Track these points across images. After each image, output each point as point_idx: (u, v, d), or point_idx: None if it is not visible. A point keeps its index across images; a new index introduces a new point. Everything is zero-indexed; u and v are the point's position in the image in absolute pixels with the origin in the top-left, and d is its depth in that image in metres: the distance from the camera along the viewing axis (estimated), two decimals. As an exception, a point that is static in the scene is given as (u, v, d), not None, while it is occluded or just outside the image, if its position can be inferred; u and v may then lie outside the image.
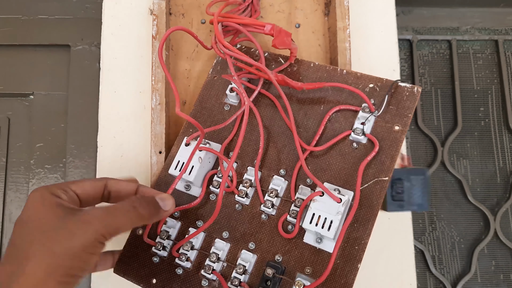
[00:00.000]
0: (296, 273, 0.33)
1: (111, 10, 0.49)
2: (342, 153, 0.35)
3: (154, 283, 0.36)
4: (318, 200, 0.32)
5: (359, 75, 0.37)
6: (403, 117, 0.34)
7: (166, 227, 0.37)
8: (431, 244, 0.73)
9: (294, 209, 0.34)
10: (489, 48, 0.79)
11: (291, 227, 0.34)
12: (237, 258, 0.35)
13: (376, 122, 0.35)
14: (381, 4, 0.49)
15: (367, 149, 0.34)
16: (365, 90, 0.36)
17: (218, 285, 0.34)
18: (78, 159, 0.61)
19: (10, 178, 0.62)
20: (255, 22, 0.37)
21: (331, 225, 0.31)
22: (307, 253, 0.33)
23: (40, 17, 0.64)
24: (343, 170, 0.34)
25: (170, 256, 0.36)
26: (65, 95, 0.63)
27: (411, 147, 0.75)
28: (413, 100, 0.34)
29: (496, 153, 0.76)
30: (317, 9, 0.48)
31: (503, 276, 0.72)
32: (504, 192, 0.74)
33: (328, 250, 0.33)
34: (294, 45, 0.39)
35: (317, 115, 0.37)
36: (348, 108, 0.36)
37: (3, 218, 0.61)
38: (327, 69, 0.38)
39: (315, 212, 0.32)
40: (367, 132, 0.34)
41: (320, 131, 0.36)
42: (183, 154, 0.37)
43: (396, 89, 0.35)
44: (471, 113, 0.77)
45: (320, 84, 0.36)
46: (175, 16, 0.48)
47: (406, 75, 0.78)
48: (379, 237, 0.43)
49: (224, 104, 0.40)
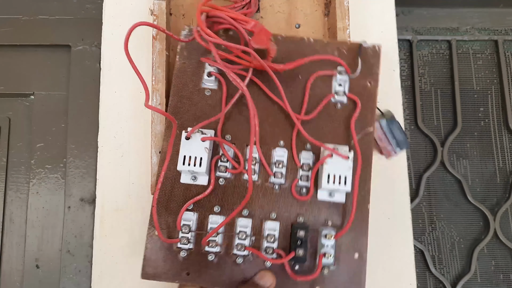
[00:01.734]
0: (319, 228, 0.38)
1: (112, 10, 0.49)
2: (329, 115, 0.39)
3: (188, 275, 0.37)
4: (329, 162, 0.36)
5: (325, 42, 0.41)
6: (373, 74, 0.40)
7: (184, 222, 0.38)
8: (431, 244, 0.73)
9: (303, 174, 0.38)
10: (489, 48, 0.79)
11: (305, 190, 0.38)
12: (263, 229, 0.38)
13: (351, 82, 0.40)
14: (381, 5, 0.49)
15: (349, 107, 0.39)
16: (335, 54, 0.40)
17: (254, 258, 0.37)
18: (79, 159, 0.61)
19: (10, 178, 0.62)
20: (239, 17, 0.38)
21: (346, 180, 0.36)
22: (324, 209, 0.38)
23: (40, 17, 0.64)
24: (334, 130, 0.39)
25: (197, 246, 0.38)
26: (65, 95, 0.63)
27: (411, 147, 0.75)
28: (377, 57, 0.40)
29: (496, 153, 0.76)
30: (317, 10, 0.48)
31: (503, 276, 0.72)
32: (504, 192, 0.75)
33: (341, 201, 0.38)
34: (273, 46, 0.39)
35: (298, 85, 0.40)
36: (325, 74, 0.40)
37: (3, 218, 0.61)
38: (295, 40, 0.41)
39: (329, 173, 0.36)
40: (347, 93, 0.39)
41: (306, 100, 0.39)
42: (187, 148, 0.38)
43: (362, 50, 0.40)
44: (470, 113, 0.77)
45: (300, 61, 0.39)
46: (175, 17, 0.48)
47: (406, 75, 0.78)
48: (379, 237, 0.43)
49: (204, 89, 0.40)
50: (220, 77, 0.40)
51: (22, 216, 0.61)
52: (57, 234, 0.61)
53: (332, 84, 0.40)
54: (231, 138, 0.40)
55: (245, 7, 0.44)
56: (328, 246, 0.37)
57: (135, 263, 0.44)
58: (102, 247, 0.44)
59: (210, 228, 0.38)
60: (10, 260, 0.61)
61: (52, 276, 0.60)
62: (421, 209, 0.74)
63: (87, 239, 0.59)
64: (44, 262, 0.60)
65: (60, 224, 0.61)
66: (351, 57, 0.40)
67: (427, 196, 0.74)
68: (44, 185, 0.62)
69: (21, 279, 0.60)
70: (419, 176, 0.74)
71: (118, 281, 0.42)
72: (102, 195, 0.45)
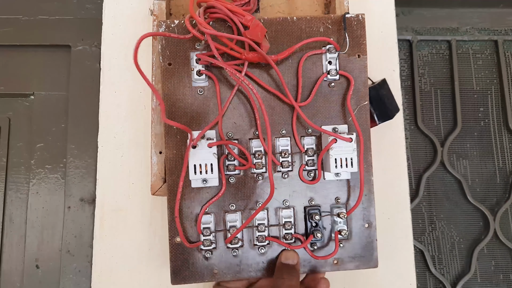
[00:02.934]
0: (330, 207, 0.40)
1: (112, 11, 0.49)
2: (324, 95, 0.40)
3: (216, 273, 0.39)
4: (334, 147, 0.37)
5: (309, 18, 0.40)
6: (360, 45, 0.40)
7: (204, 225, 0.39)
8: (430, 244, 0.73)
9: (309, 159, 0.39)
10: (488, 48, 0.79)
11: (314, 174, 0.40)
12: (280, 218, 0.39)
13: (340, 57, 0.40)
14: (381, 5, 0.49)
15: (341, 83, 0.40)
16: (320, 30, 0.40)
17: (276, 246, 0.39)
18: (79, 159, 0.61)
19: (10, 178, 0.62)
20: (236, 9, 0.38)
21: (352, 162, 0.37)
22: (332, 188, 0.40)
23: (40, 18, 0.64)
24: (330, 109, 0.40)
25: (220, 245, 0.39)
26: (65, 95, 0.63)
27: (411, 147, 0.75)
28: (362, 27, 0.40)
29: (496, 153, 0.76)
30: (317, 10, 0.48)
31: (503, 276, 0.72)
32: (504, 192, 0.75)
33: (347, 178, 0.39)
34: (266, 43, 0.39)
35: (290, 71, 0.40)
36: (314, 53, 0.40)
37: (3, 218, 0.61)
38: (279, 21, 0.41)
39: (336, 157, 0.38)
40: (338, 70, 0.40)
41: (300, 85, 0.40)
42: (196, 156, 0.37)
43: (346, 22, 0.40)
44: (470, 113, 0.77)
45: (291, 49, 0.39)
46: (175, 17, 0.48)
47: (406, 75, 0.78)
48: (379, 237, 0.43)
49: (196, 88, 0.40)
50: (211, 74, 0.39)
51: (22, 216, 0.61)
52: (57, 234, 0.61)
53: (323, 63, 0.40)
54: (233, 135, 0.40)
55: (244, 5, 0.44)
56: (341, 223, 0.40)
57: (135, 263, 0.44)
58: (102, 247, 0.44)
59: (229, 226, 0.39)
60: (10, 260, 0.61)
61: (52, 276, 0.60)
62: (421, 209, 0.74)
63: (87, 239, 0.59)
64: (44, 262, 0.60)
65: (60, 224, 0.61)
66: (337, 30, 0.40)
67: (427, 196, 0.74)
68: (44, 185, 0.62)
69: (21, 279, 0.60)
70: (419, 176, 0.74)
71: (118, 281, 0.42)
72: (102, 195, 0.45)
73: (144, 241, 0.44)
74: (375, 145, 0.45)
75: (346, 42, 0.39)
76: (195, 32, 0.38)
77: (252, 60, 0.39)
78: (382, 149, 0.46)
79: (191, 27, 0.38)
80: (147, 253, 0.44)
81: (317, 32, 0.40)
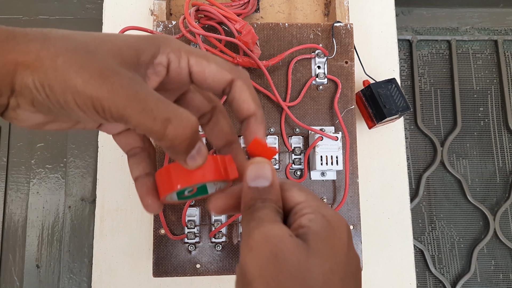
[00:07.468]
0: None
1: (112, 11, 0.49)
2: (313, 98, 0.41)
3: (199, 268, 0.39)
4: (320, 144, 0.38)
5: (300, 25, 0.42)
6: (348, 52, 0.42)
7: (189, 217, 0.39)
8: (430, 244, 0.73)
9: (296, 158, 0.40)
10: (488, 48, 0.79)
11: (300, 173, 0.40)
12: None
13: (329, 62, 0.41)
14: (381, 5, 0.49)
15: (330, 87, 0.41)
16: (310, 37, 0.42)
17: None
18: (79, 159, 0.61)
19: (11, 178, 0.62)
20: (230, 15, 0.39)
21: (338, 160, 0.38)
22: (318, 187, 0.40)
23: (40, 18, 0.64)
24: (318, 111, 0.41)
25: (204, 239, 0.39)
26: (65, 95, 0.63)
27: (411, 147, 0.75)
28: (350, 36, 0.42)
29: (496, 153, 0.76)
30: (317, 10, 0.48)
31: (503, 276, 0.72)
32: (504, 192, 0.75)
33: (332, 178, 0.40)
34: (258, 50, 0.40)
35: (280, 74, 0.41)
36: (303, 58, 0.41)
37: (3, 218, 0.61)
38: (271, 26, 0.42)
39: (321, 155, 0.38)
40: (326, 74, 0.41)
41: (290, 87, 0.41)
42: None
43: (335, 30, 0.42)
44: (470, 113, 0.77)
45: (281, 55, 0.40)
46: (175, 17, 0.48)
47: (405, 75, 0.78)
48: (379, 237, 0.43)
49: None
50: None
51: (23, 216, 0.62)
52: (57, 234, 0.61)
53: (312, 67, 0.42)
54: None
55: (242, 6, 0.44)
56: None
57: (135, 263, 0.44)
58: (102, 247, 0.44)
59: (214, 221, 0.39)
60: (10, 260, 0.61)
61: (52, 276, 0.60)
62: (421, 209, 0.74)
63: (87, 239, 0.59)
64: (44, 262, 0.60)
65: (60, 224, 0.61)
66: (326, 37, 0.42)
67: (427, 196, 0.74)
68: (45, 185, 0.62)
69: (21, 279, 0.60)
70: (419, 176, 0.75)
71: (118, 281, 0.42)
72: (102, 195, 0.45)
73: (144, 241, 0.44)
74: (375, 145, 0.45)
75: (334, 48, 0.41)
76: (186, 33, 0.38)
77: (243, 64, 0.40)
78: (382, 149, 0.46)
79: (184, 28, 0.38)
80: (147, 253, 0.44)
81: (308, 39, 0.42)
